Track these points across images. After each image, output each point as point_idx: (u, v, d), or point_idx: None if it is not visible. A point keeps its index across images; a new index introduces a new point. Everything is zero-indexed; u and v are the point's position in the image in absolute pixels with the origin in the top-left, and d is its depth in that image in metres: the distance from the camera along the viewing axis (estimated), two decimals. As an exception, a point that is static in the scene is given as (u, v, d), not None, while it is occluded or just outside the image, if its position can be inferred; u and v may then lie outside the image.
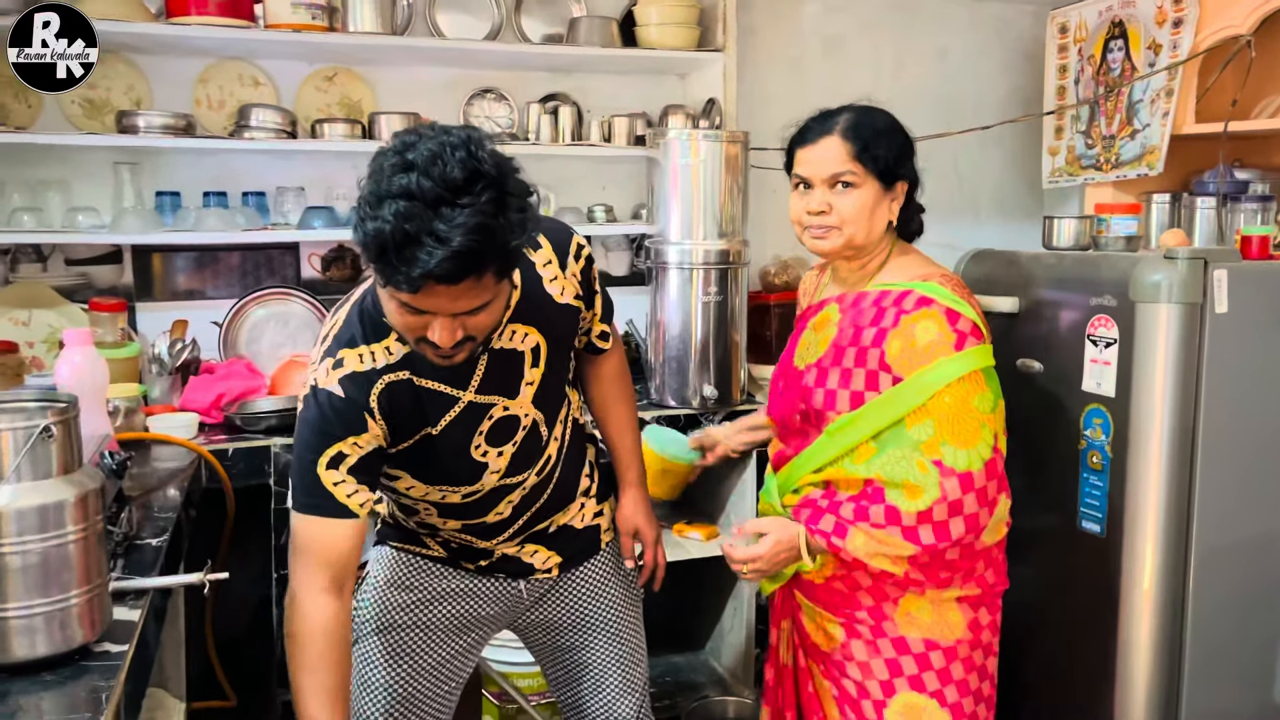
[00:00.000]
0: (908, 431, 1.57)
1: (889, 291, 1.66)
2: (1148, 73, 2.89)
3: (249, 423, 2.41)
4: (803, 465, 1.71)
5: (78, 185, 2.71)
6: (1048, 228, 2.19)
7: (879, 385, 1.61)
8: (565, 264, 1.55)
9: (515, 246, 1.25)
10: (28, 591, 1.18)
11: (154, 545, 1.65)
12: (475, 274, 1.23)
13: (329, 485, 1.40)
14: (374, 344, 1.43)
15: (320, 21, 2.62)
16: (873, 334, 1.63)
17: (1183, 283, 1.81)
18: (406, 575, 1.69)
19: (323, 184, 2.91)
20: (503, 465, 1.55)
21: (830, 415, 1.65)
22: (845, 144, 1.64)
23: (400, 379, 1.43)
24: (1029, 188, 3.67)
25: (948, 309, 1.61)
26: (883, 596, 1.68)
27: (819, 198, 1.65)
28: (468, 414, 1.48)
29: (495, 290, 1.30)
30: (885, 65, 3.52)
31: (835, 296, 1.73)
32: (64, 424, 1.21)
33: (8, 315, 2.65)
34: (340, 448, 1.40)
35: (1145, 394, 1.85)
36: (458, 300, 1.26)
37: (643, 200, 3.16)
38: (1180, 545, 1.89)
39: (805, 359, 1.72)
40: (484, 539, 1.64)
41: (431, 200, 1.18)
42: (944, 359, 1.57)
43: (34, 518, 1.18)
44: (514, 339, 1.49)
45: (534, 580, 1.71)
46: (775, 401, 1.80)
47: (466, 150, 1.21)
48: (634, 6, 3.04)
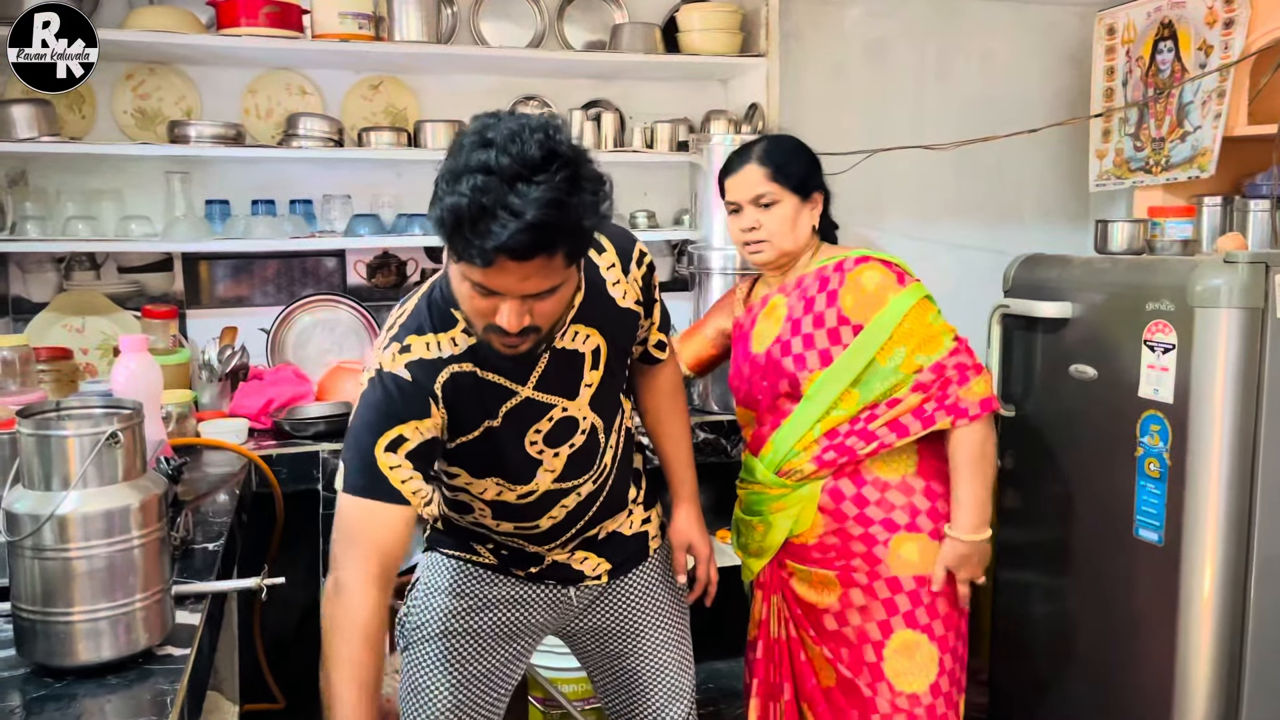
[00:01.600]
0: (882, 366, 1.77)
1: (826, 265, 1.86)
2: (1199, 74, 2.84)
3: (297, 429, 2.43)
4: (790, 432, 1.85)
5: (130, 194, 2.75)
6: (1100, 231, 2.16)
7: (840, 338, 1.80)
8: (628, 269, 1.55)
9: (588, 228, 1.26)
10: (94, 596, 1.20)
11: (210, 550, 1.67)
12: (547, 251, 1.23)
13: (385, 468, 1.38)
14: (440, 334, 1.43)
15: (367, 31, 2.65)
16: (824, 297, 1.82)
17: (1243, 287, 1.77)
18: (457, 582, 1.69)
19: (368, 192, 2.93)
20: (558, 466, 1.54)
21: (803, 375, 1.82)
22: (761, 168, 1.84)
23: (464, 370, 1.44)
24: (1074, 191, 3.63)
25: (883, 260, 1.84)
26: (873, 542, 1.82)
27: (749, 217, 1.85)
28: (525, 409, 1.48)
29: (564, 275, 1.30)
30: (928, 69, 3.49)
31: (776, 289, 1.92)
32: (130, 430, 1.23)
33: (62, 322, 2.69)
34: (402, 430, 1.39)
35: (1205, 400, 1.82)
36: (527, 280, 1.26)
37: (684, 206, 3.15)
38: (1241, 555, 1.85)
39: (764, 342, 1.89)
40: (536, 544, 1.64)
41: (509, 176, 1.20)
42: (894, 297, 1.78)
43: (100, 523, 1.19)
44: (576, 339, 1.50)
45: (584, 587, 1.70)
46: (743, 387, 1.95)
47: (545, 133, 1.24)
48: (676, 12, 3.04)
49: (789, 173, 1.85)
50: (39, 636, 1.19)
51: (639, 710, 1.75)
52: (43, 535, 1.17)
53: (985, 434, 1.76)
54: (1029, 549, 2.31)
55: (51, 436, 1.19)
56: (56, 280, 2.74)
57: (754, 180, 1.85)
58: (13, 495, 1.20)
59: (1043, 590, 2.31)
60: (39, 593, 1.19)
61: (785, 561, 1.93)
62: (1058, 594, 2.26)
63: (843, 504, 1.85)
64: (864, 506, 1.84)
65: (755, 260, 1.91)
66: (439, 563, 1.71)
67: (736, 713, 2.69)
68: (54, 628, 1.19)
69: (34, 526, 1.17)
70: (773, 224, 1.85)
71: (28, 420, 1.20)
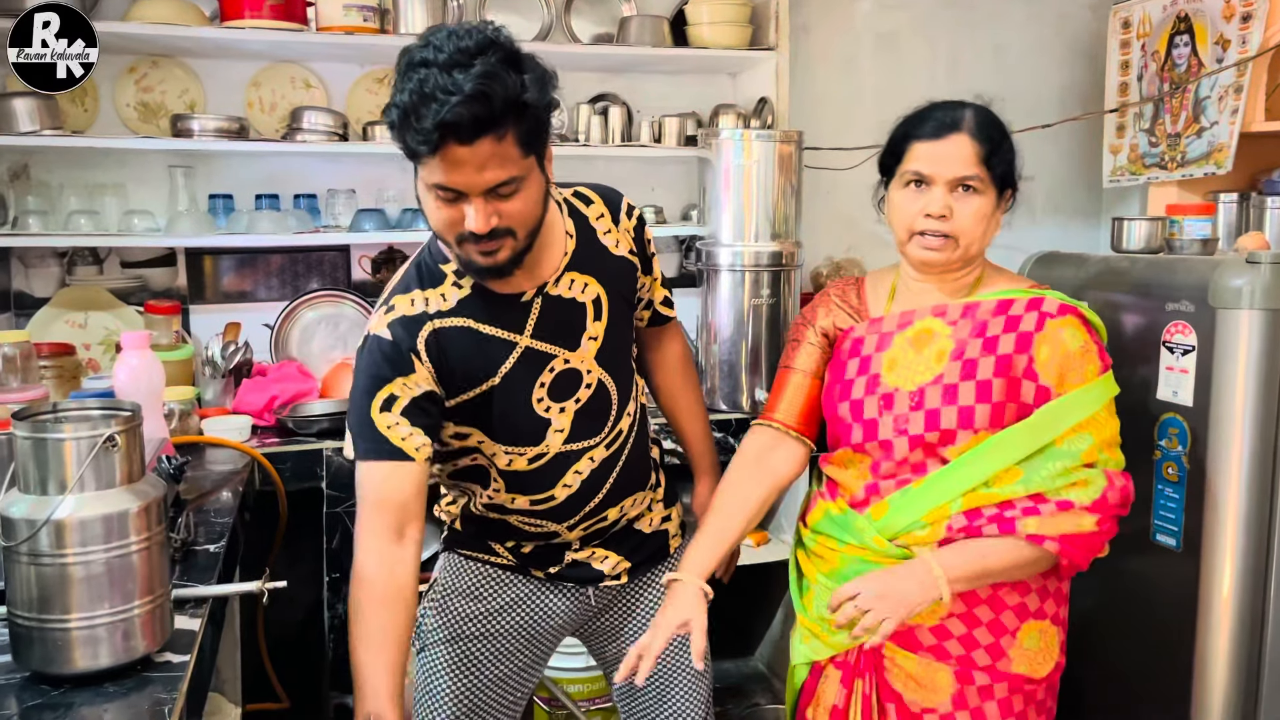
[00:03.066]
0: (1059, 447, 1.48)
1: (1014, 300, 1.54)
2: (1216, 69, 2.80)
3: (301, 426, 2.41)
4: (922, 498, 1.52)
5: (133, 188, 2.73)
6: (1117, 229, 2.13)
7: (1019, 395, 1.49)
8: (618, 219, 1.58)
9: (531, 105, 1.28)
10: (91, 602, 1.17)
11: (211, 551, 1.65)
12: (492, 129, 1.25)
13: (383, 429, 1.41)
14: (429, 290, 1.46)
15: (371, 24, 2.62)
16: (1013, 340, 1.50)
17: (1266, 288, 1.73)
18: (474, 584, 1.67)
19: (373, 186, 2.90)
20: (566, 425, 1.53)
21: (963, 435, 1.50)
22: (975, 144, 1.50)
23: (456, 325, 1.45)
24: (1086, 186, 3.59)
25: (1086, 320, 1.55)
26: (1001, 631, 1.54)
27: (940, 200, 1.51)
28: (526, 361, 1.48)
29: (522, 167, 1.31)
30: (940, 62, 3.45)
31: (931, 308, 1.58)
32: (128, 433, 1.20)
33: (65, 317, 2.67)
34: (391, 389, 1.42)
35: (1225, 403, 1.78)
36: (484, 170, 1.27)
37: (692, 201, 3.12)
38: (1261, 561, 1.82)
39: (914, 379, 1.55)
40: (554, 521, 1.59)
41: (445, 65, 1.24)
42: (1099, 377, 1.51)
43: (98, 527, 1.17)
44: (572, 288, 1.50)
45: (603, 588, 1.68)
46: (861, 425, 1.58)
47: (482, 30, 1.29)
48: (685, 5, 3.00)
49: (999, 159, 1.51)
50: (35, 643, 1.17)
51: (656, 713, 1.73)
52: (39, 540, 1.15)
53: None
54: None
55: (48, 439, 1.16)
56: (59, 275, 2.72)
57: (964, 156, 1.49)
58: (8, 499, 1.18)
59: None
60: (35, 599, 1.16)
61: (884, 644, 1.56)
62: (1075, 594, 2.22)
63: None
64: (999, 588, 1.54)
65: (926, 257, 1.54)
66: (457, 564, 1.69)
67: (744, 711, 2.67)
68: (50, 634, 1.16)
69: (30, 531, 1.14)
70: (968, 217, 1.50)
71: (23, 422, 1.18)
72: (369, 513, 1.42)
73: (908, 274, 1.64)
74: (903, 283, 1.65)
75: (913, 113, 1.60)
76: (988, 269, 1.63)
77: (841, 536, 1.60)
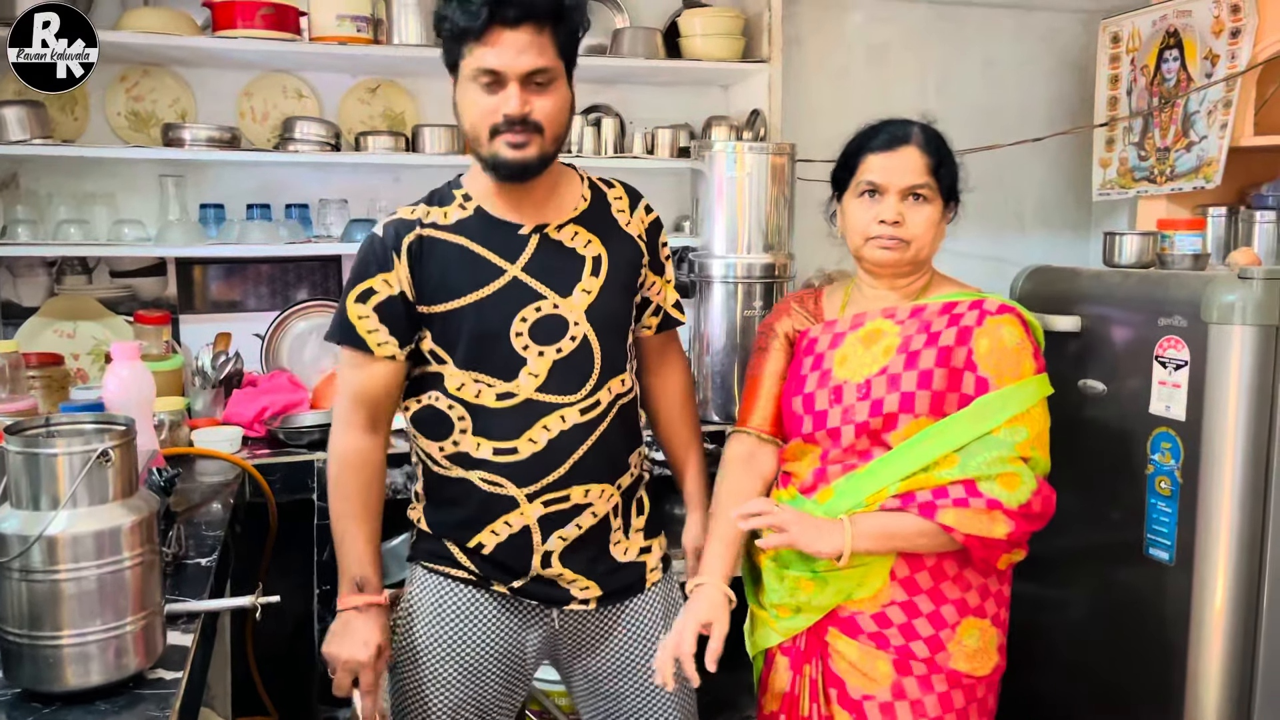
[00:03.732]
0: (997, 436, 1.55)
1: (957, 301, 1.65)
2: (1205, 84, 2.82)
3: (291, 437, 2.39)
4: (865, 482, 1.60)
5: (123, 198, 2.72)
6: (1109, 244, 2.14)
7: (960, 384, 1.58)
8: (635, 209, 1.68)
9: (571, 11, 1.47)
10: (83, 619, 1.16)
11: (203, 565, 1.63)
12: (534, 17, 1.43)
13: (353, 318, 1.55)
14: (434, 206, 1.59)
15: (365, 34, 2.61)
16: (954, 333, 1.60)
17: (1258, 304, 1.75)
18: (438, 604, 1.63)
19: (365, 196, 2.89)
20: (542, 371, 1.54)
21: (904, 419, 1.59)
22: (924, 156, 1.62)
23: (448, 239, 1.56)
24: (1076, 199, 3.61)
25: (1025, 321, 1.64)
26: (941, 624, 1.60)
27: (892, 207, 1.61)
28: (512, 290, 1.54)
29: (556, 65, 1.48)
30: (930, 75, 3.46)
31: (881, 310, 1.68)
32: (122, 447, 1.19)
33: (53, 327, 2.65)
34: (371, 284, 1.54)
35: (1218, 418, 1.79)
36: (523, 54, 1.43)
37: (685, 212, 3.12)
38: (1254, 576, 1.82)
39: (862, 371, 1.64)
40: (515, 483, 1.55)
41: None
42: (1036, 378, 1.59)
43: (90, 543, 1.15)
44: (575, 239, 1.59)
45: (567, 612, 1.63)
46: (812, 417, 1.67)
47: None
48: (678, 17, 3.01)
49: (946, 171, 1.64)
50: (26, 660, 1.15)
51: None
52: (31, 556, 1.13)
53: (943, 536, 1.55)
54: (1038, 559, 2.28)
55: (40, 454, 1.15)
56: (48, 284, 2.70)
57: (915, 166, 1.61)
58: (0, 514, 1.16)
59: (1053, 602, 2.28)
60: (26, 615, 1.14)
61: (828, 629, 1.65)
62: (1068, 606, 2.23)
63: (919, 573, 1.60)
64: (941, 581, 1.61)
65: (881, 258, 1.64)
66: (422, 579, 1.66)
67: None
68: (41, 651, 1.15)
69: (22, 547, 1.13)
70: (918, 224, 1.62)
71: (15, 437, 1.17)
72: (348, 405, 1.59)
73: (862, 281, 1.74)
74: (856, 289, 1.76)
75: (865, 128, 1.71)
76: (936, 277, 1.72)
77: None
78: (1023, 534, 1.55)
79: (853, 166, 1.67)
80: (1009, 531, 1.53)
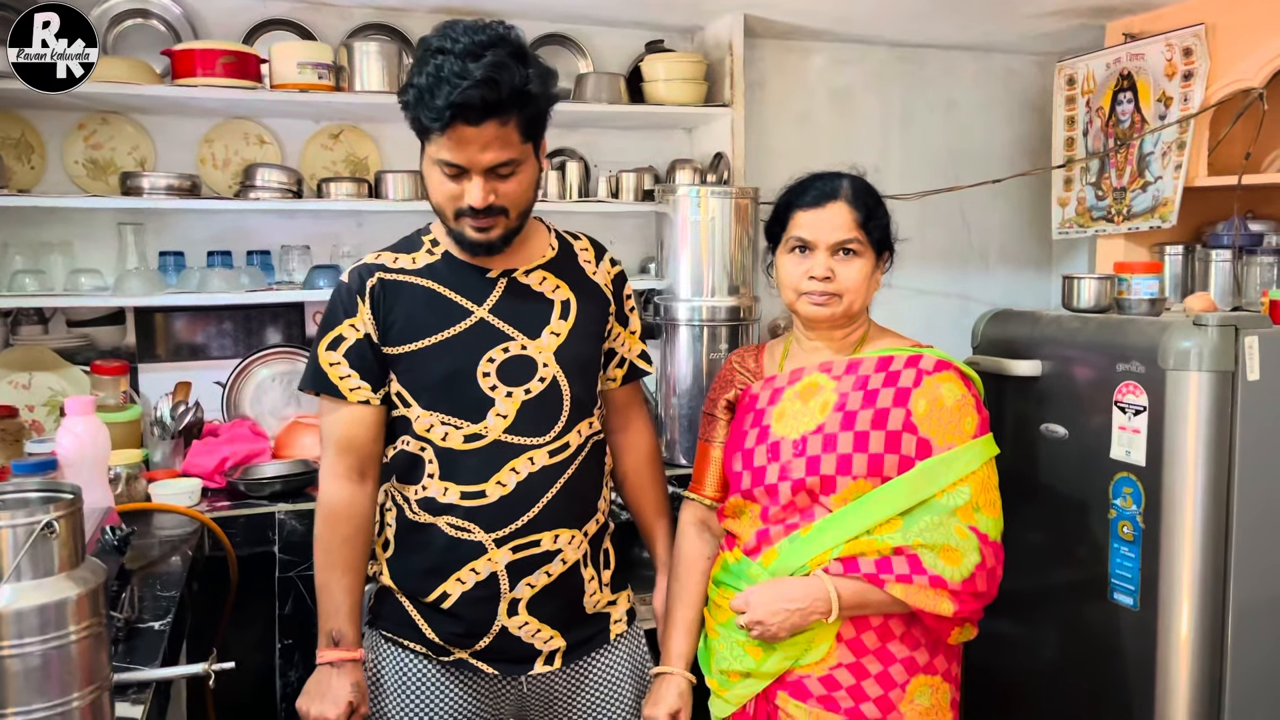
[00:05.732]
0: (939, 500, 1.53)
1: (894, 357, 1.63)
2: (1159, 126, 2.88)
3: (253, 489, 2.36)
4: (808, 545, 1.57)
5: (80, 246, 2.68)
6: (1067, 288, 2.16)
7: (900, 446, 1.55)
8: (600, 260, 1.70)
9: (536, 98, 1.44)
10: (28, 696, 1.12)
11: (156, 629, 1.59)
12: (498, 113, 1.40)
13: (325, 365, 1.57)
14: (400, 252, 1.61)
15: (326, 81, 2.61)
16: (891, 394, 1.58)
17: (1214, 350, 1.77)
18: (401, 680, 1.60)
19: (328, 242, 2.88)
20: (511, 411, 1.54)
21: (842, 480, 1.56)
22: (852, 211, 1.61)
23: (413, 282, 1.57)
24: (1037, 238, 3.66)
25: (964, 376, 1.62)
26: (890, 684, 1.56)
27: (822, 263, 1.61)
28: (478, 331, 1.55)
29: (522, 152, 1.47)
30: (893, 117, 3.51)
31: (818, 365, 1.68)
32: (67, 518, 1.16)
33: (8, 378, 2.60)
34: (339, 330, 1.57)
35: (1178, 464, 1.80)
36: (487, 150, 1.43)
37: (650, 254, 3.13)
38: (1218, 621, 1.83)
39: (798, 428, 1.62)
40: (484, 529, 1.53)
41: (461, 53, 1.40)
42: (981, 440, 1.57)
43: (34, 618, 1.12)
44: (542, 284, 1.61)
45: (534, 677, 1.60)
46: (751, 475, 1.65)
47: (494, 26, 1.45)
48: (641, 63, 3.02)
49: (875, 225, 1.63)
50: (-33, 741, 1.12)
51: None
52: (-28, 633, 1.10)
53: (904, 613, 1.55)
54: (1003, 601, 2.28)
55: (-18, 527, 1.12)
56: (3, 334, 2.65)
57: (843, 222, 1.60)
58: (-60, 590, 1.13)
59: (1018, 643, 2.28)
60: (-32, 693, 1.11)
61: (777, 693, 1.61)
62: (1033, 648, 2.23)
63: (865, 633, 1.57)
64: (888, 640, 1.58)
65: (814, 314, 1.64)
66: (380, 649, 1.63)
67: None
68: (-16, 731, 1.11)
69: (-37, 624, 1.10)
70: (850, 278, 1.61)
71: (-43, 509, 1.13)
72: (333, 455, 1.59)
73: (799, 335, 1.74)
74: (795, 343, 1.75)
75: (794, 183, 1.70)
76: (873, 328, 1.72)
77: (737, 585, 1.64)
78: (970, 611, 1.54)
79: (784, 222, 1.67)
80: (954, 610, 1.52)
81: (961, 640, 1.61)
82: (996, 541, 1.55)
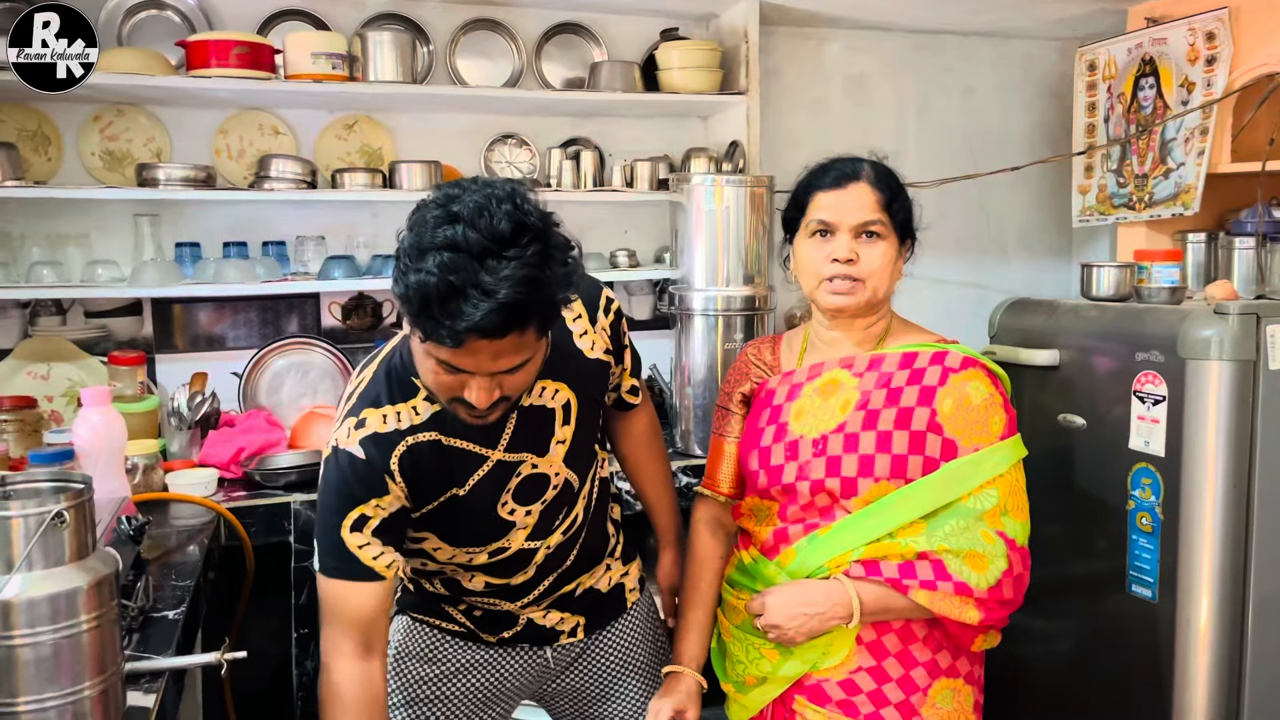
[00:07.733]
0: (965, 503, 1.47)
1: (918, 352, 1.56)
2: (1181, 111, 2.83)
3: (269, 479, 2.36)
4: (827, 545, 1.53)
5: (97, 238, 2.69)
6: (1086, 276, 2.13)
7: (924, 447, 1.49)
8: (595, 318, 1.52)
9: (560, 300, 1.23)
10: (40, 684, 1.13)
11: (170, 618, 1.60)
12: (519, 329, 1.18)
13: (354, 549, 1.37)
14: (400, 404, 1.39)
15: (340, 71, 2.60)
16: (916, 392, 1.52)
17: (1234, 339, 1.74)
18: (428, 648, 1.63)
19: (343, 233, 2.88)
20: (531, 524, 1.50)
21: (864, 483, 1.50)
22: (875, 192, 1.55)
23: (427, 439, 1.39)
24: (1057, 225, 3.62)
25: (992, 374, 1.56)
26: (912, 688, 1.52)
27: (845, 246, 1.53)
28: (496, 472, 1.44)
29: (535, 348, 1.27)
30: (910, 104, 3.47)
31: (839, 360, 1.61)
32: (77, 508, 1.17)
33: (27, 369, 2.62)
34: (363, 510, 1.36)
35: (1198, 454, 1.78)
36: (499, 358, 1.22)
37: (665, 243, 3.11)
38: (1237, 612, 1.81)
39: (818, 426, 1.56)
40: (509, 600, 1.58)
41: (478, 252, 1.15)
42: (1009, 442, 1.51)
43: (45, 607, 1.13)
44: (544, 395, 1.45)
45: (560, 647, 1.65)
46: (768, 474, 1.59)
47: (512, 203, 1.19)
48: (655, 50, 3.01)
49: (898, 208, 1.56)
50: (-20, 729, 1.13)
51: None
52: (-15, 622, 1.11)
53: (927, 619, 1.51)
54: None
55: (-6, 517, 1.13)
56: (21, 326, 2.67)
57: (866, 203, 1.53)
58: (-48, 579, 1.14)
59: (1037, 635, 2.26)
60: (-20, 682, 1.12)
61: (795, 698, 1.57)
62: (1052, 639, 2.21)
63: (886, 636, 1.53)
64: (910, 643, 1.53)
65: (836, 303, 1.56)
66: (410, 628, 1.65)
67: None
68: (-3, 719, 1.12)
69: (-26, 613, 1.10)
70: (874, 261, 1.53)
71: (-32, 499, 1.14)
72: (338, 633, 1.39)
73: (819, 327, 1.67)
74: (814, 336, 1.68)
75: (814, 167, 1.63)
76: (896, 321, 1.64)
77: (753, 585, 1.60)
78: (997, 619, 1.49)
79: (803, 206, 1.60)
80: (980, 619, 1.47)
81: (985, 647, 1.57)
82: (1024, 547, 1.49)
